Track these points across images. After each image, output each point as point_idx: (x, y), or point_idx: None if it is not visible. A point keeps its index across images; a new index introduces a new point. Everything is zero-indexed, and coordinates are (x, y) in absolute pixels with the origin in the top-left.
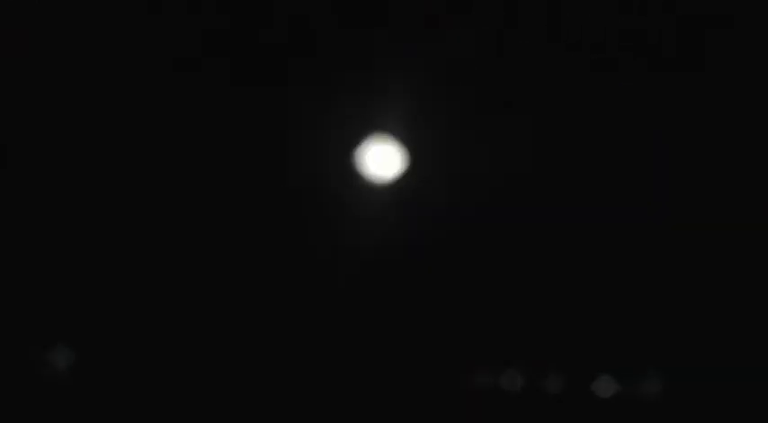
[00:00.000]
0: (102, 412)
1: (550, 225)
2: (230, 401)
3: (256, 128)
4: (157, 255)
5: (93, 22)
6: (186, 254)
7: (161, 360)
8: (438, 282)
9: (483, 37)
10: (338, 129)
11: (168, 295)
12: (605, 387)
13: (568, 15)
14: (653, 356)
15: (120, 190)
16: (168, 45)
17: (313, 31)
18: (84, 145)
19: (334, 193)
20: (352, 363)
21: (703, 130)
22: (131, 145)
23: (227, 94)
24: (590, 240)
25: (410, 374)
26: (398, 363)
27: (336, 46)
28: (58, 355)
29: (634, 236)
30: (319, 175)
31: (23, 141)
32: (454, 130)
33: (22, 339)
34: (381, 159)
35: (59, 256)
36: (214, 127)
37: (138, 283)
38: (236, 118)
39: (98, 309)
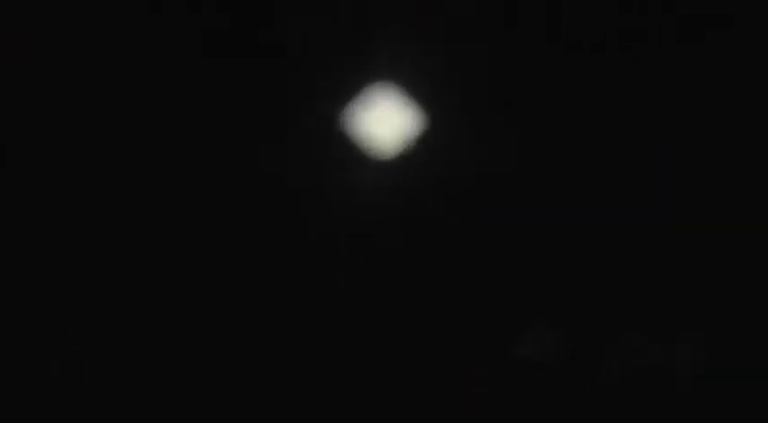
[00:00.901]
0: (102, 412)
1: (554, 224)
2: (238, 394)
3: (257, 118)
4: (162, 252)
5: (93, 21)
6: (191, 243)
7: (167, 358)
8: (446, 268)
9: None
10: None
11: (172, 290)
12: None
13: (568, 15)
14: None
15: (122, 190)
16: (168, 45)
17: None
18: (84, 145)
19: (339, 177)
20: (364, 356)
21: (704, 131)
22: (131, 145)
23: (226, 93)
24: (597, 239)
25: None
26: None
27: (339, 37)
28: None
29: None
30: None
31: (23, 141)
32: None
33: (21, 340)
34: (384, 139)
35: (56, 256)
36: (215, 127)
37: (138, 280)
38: (237, 115)
39: (99, 307)
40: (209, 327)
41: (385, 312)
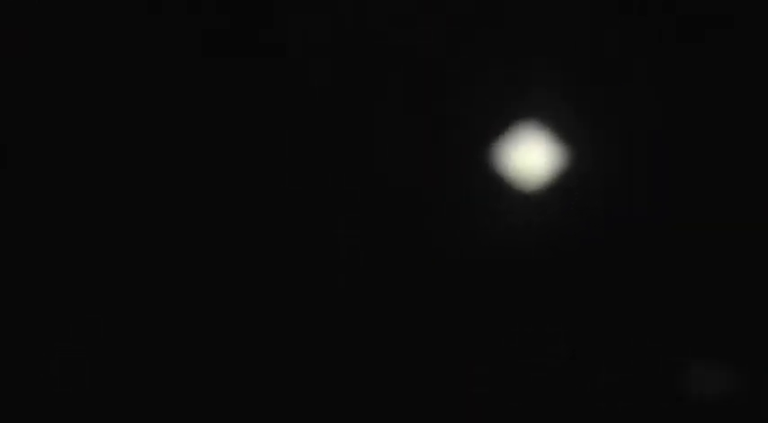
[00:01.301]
0: (102, 412)
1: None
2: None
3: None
4: (162, 252)
5: (93, 21)
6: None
7: (167, 358)
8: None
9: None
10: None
11: (174, 291)
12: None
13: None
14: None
15: (122, 190)
16: (168, 45)
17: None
18: (84, 145)
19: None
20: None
21: (704, 131)
22: (131, 145)
23: (226, 93)
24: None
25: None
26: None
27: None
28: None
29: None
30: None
31: (23, 141)
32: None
33: (21, 340)
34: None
35: (56, 256)
36: (219, 129)
37: (138, 281)
38: (237, 115)
39: (99, 307)
40: (211, 328)
41: (387, 313)
